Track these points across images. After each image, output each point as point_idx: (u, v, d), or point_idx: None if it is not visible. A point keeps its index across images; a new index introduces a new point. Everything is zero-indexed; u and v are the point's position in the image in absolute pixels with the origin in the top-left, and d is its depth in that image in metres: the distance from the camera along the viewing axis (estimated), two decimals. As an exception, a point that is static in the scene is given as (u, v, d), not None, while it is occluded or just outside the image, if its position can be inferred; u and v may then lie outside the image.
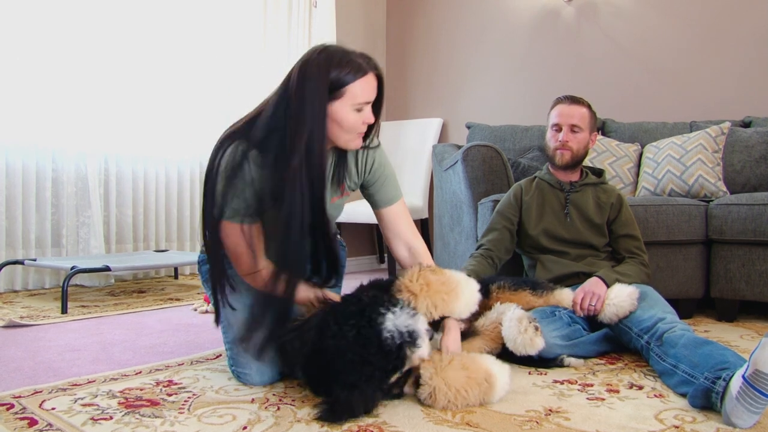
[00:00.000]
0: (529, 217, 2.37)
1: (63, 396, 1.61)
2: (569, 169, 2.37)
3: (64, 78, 3.45)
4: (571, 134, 2.31)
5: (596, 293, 2.04)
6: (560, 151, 2.33)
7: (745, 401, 1.39)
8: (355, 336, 1.48)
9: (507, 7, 4.42)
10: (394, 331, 1.49)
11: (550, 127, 2.38)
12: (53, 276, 3.49)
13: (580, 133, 2.32)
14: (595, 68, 4.07)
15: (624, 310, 1.97)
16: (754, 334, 2.43)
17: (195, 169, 4.07)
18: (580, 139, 2.32)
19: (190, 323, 2.59)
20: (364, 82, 1.56)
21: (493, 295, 2.07)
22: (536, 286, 2.11)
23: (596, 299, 2.03)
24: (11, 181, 3.33)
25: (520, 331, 1.78)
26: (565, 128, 2.31)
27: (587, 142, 2.35)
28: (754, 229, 2.58)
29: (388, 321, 1.50)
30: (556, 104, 2.38)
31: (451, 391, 1.51)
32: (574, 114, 2.32)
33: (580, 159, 2.36)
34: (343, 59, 1.56)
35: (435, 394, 1.51)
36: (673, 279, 2.68)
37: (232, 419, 1.45)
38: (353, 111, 1.57)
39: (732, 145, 3.14)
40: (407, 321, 1.52)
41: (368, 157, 1.79)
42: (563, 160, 2.33)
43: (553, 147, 2.35)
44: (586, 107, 2.35)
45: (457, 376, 1.52)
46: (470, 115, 4.49)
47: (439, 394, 1.51)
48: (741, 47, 3.59)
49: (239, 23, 4.14)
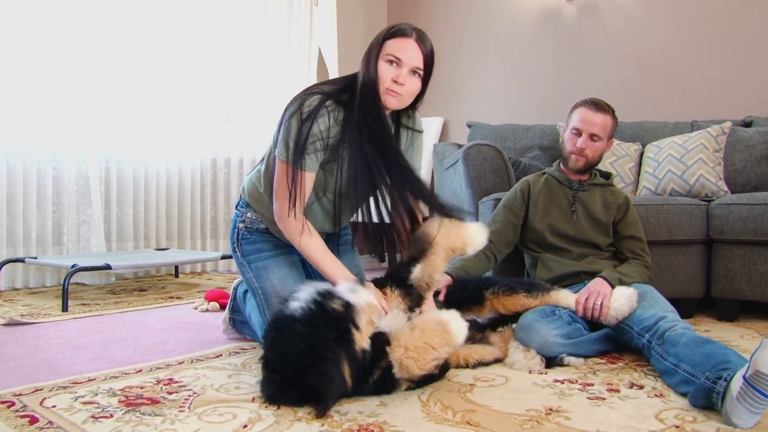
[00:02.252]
0: (535, 212, 2.37)
1: (63, 394, 1.61)
2: (580, 173, 2.37)
3: (65, 79, 3.45)
4: (589, 142, 2.28)
5: (601, 293, 2.04)
6: (575, 156, 2.31)
7: (745, 401, 1.39)
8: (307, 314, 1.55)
9: (508, 6, 4.42)
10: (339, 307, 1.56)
11: (570, 127, 2.33)
12: (54, 274, 3.49)
13: (599, 142, 2.29)
14: (596, 67, 4.06)
15: (623, 314, 1.97)
16: (755, 333, 2.43)
17: (195, 167, 4.07)
18: (597, 147, 2.30)
19: (191, 321, 2.59)
20: (400, 40, 1.77)
21: (487, 302, 2.10)
22: (531, 288, 2.11)
23: (601, 298, 2.02)
24: (12, 179, 3.33)
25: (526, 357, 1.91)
26: (585, 136, 2.28)
27: (603, 150, 2.34)
28: (755, 229, 2.58)
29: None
30: (581, 107, 2.32)
31: (413, 350, 1.57)
32: (597, 122, 2.27)
33: (594, 165, 2.36)
34: (394, 26, 1.81)
35: (403, 364, 1.57)
36: (674, 278, 2.68)
37: (233, 418, 1.46)
38: (386, 62, 1.76)
39: (733, 145, 3.14)
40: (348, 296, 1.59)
41: (413, 135, 2.02)
42: (577, 166, 2.33)
43: (569, 150, 2.33)
44: (610, 114, 2.31)
45: (412, 336, 1.59)
46: (471, 114, 4.49)
47: (406, 360, 1.57)
48: (742, 47, 3.59)
49: (240, 22, 4.14)
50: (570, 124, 2.34)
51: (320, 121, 1.77)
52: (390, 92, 1.77)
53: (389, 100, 1.79)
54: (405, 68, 1.77)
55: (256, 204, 2.01)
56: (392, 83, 1.76)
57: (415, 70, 1.79)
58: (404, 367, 1.58)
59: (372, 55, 1.78)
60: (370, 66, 1.77)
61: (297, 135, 1.75)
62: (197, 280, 3.78)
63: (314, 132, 1.76)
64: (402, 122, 1.94)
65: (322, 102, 1.78)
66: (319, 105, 1.77)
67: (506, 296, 2.09)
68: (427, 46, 1.80)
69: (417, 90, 1.83)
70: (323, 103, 1.78)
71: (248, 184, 2.05)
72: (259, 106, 4.20)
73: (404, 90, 1.78)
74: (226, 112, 4.14)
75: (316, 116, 1.76)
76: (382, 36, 1.79)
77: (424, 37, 1.81)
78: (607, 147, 2.36)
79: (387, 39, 1.78)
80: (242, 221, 2.04)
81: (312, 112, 1.76)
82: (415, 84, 1.81)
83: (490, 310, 2.11)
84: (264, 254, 2.00)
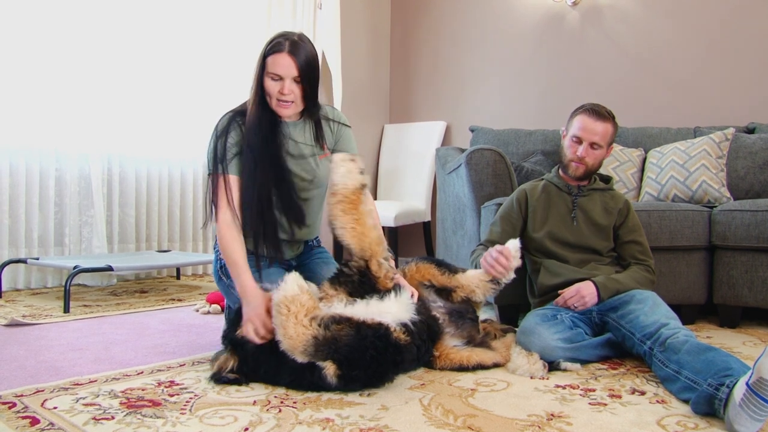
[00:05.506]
0: (534, 221, 2.37)
1: (65, 395, 1.61)
2: (580, 180, 2.36)
3: (67, 80, 3.47)
4: (590, 150, 2.27)
5: (583, 295, 2.12)
6: (576, 165, 2.30)
7: (748, 408, 1.39)
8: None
9: (512, 10, 4.42)
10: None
11: (570, 135, 2.31)
12: (56, 275, 3.49)
13: (599, 150, 2.28)
14: (599, 73, 4.07)
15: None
16: (757, 340, 2.42)
17: (198, 169, 4.07)
18: (598, 155, 2.30)
19: (192, 324, 2.59)
20: (276, 56, 1.91)
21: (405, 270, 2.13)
22: (441, 265, 2.15)
23: (581, 305, 2.12)
24: (15, 180, 3.34)
25: (529, 362, 1.90)
26: (586, 144, 2.27)
27: (603, 157, 2.33)
28: (758, 236, 2.58)
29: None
30: (582, 114, 2.30)
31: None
32: (598, 131, 2.26)
33: (594, 172, 2.35)
34: (272, 41, 1.95)
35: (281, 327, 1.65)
36: (676, 285, 2.67)
37: (234, 420, 1.45)
38: (270, 79, 1.93)
39: (736, 151, 3.14)
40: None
41: (339, 128, 2.16)
42: (577, 174, 2.32)
43: (569, 158, 2.32)
44: (611, 122, 2.29)
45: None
46: (474, 119, 4.49)
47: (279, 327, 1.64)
48: (746, 53, 3.59)
49: (243, 25, 4.15)
50: (570, 132, 2.32)
51: (232, 134, 1.99)
52: (281, 104, 1.95)
53: (283, 111, 1.97)
54: (286, 80, 1.92)
55: None
56: (279, 95, 1.93)
57: (294, 79, 1.93)
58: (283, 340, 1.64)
59: (258, 74, 1.96)
60: (257, 84, 1.97)
61: (214, 150, 1.98)
62: (199, 282, 3.78)
63: (229, 144, 1.97)
64: (320, 117, 2.10)
65: (232, 118, 2.02)
66: (230, 121, 2.01)
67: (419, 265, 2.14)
68: (301, 56, 1.92)
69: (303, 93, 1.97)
70: (233, 119, 2.01)
71: None
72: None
73: (293, 97, 1.94)
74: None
75: (228, 130, 1.99)
76: (263, 54, 1.95)
77: (298, 46, 1.93)
78: (607, 153, 2.35)
79: (266, 56, 1.94)
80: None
81: (224, 128, 2.00)
82: (300, 89, 1.95)
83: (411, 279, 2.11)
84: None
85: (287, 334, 1.62)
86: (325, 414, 1.51)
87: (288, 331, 1.62)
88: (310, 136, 2.08)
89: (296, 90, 1.94)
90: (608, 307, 2.11)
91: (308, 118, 2.08)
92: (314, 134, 2.09)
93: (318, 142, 2.10)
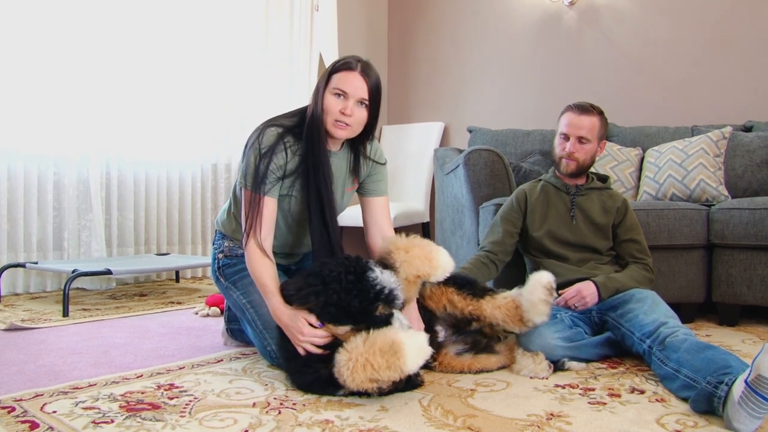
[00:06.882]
0: (533, 220, 2.37)
1: (64, 399, 1.61)
2: (574, 177, 2.37)
3: (66, 83, 3.47)
4: (578, 145, 2.28)
5: (584, 295, 2.11)
6: (566, 161, 2.31)
7: (747, 406, 1.39)
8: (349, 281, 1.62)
9: (509, 10, 4.43)
10: (378, 278, 1.63)
11: (558, 133, 2.34)
12: (55, 279, 3.49)
13: (588, 144, 2.29)
14: (596, 72, 4.07)
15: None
16: (756, 338, 2.42)
17: (196, 173, 4.07)
18: (588, 150, 2.30)
19: (192, 327, 2.59)
20: (345, 74, 1.84)
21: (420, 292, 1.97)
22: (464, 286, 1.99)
23: (581, 305, 2.12)
24: (13, 184, 3.34)
25: (534, 362, 1.90)
26: (573, 139, 2.28)
27: (595, 152, 2.33)
28: (756, 234, 2.58)
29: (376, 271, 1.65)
30: (567, 111, 2.33)
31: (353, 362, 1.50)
32: (583, 125, 2.28)
33: (587, 168, 2.35)
34: (341, 59, 1.88)
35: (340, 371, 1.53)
36: (675, 283, 2.68)
37: (234, 423, 1.45)
38: (333, 95, 1.84)
39: (733, 150, 3.14)
40: (390, 279, 1.65)
41: (374, 165, 2.08)
42: (568, 170, 2.33)
43: (558, 155, 2.33)
44: (597, 116, 2.30)
45: (359, 346, 1.53)
46: (472, 119, 4.49)
47: (343, 369, 1.52)
48: (743, 51, 3.60)
49: (241, 28, 4.15)
50: (558, 129, 2.36)
51: (278, 157, 1.86)
52: (338, 124, 1.84)
53: (338, 132, 1.86)
54: (351, 100, 1.83)
55: (232, 234, 2.11)
56: (340, 114, 1.83)
57: (361, 101, 1.86)
58: (340, 374, 1.54)
59: (320, 89, 1.86)
60: (318, 99, 1.85)
61: (255, 168, 1.85)
62: (198, 285, 3.78)
63: (272, 168, 1.85)
64: (360, 151, 2.01)
65: (280, 138, 1.87)
66: (277, 141, 1.87)
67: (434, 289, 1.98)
68: (372, 78, 1.87)
69: (364, 119, 1.89)
70: (281, 139, 1.87)
71: (221, 217, 2.16)
72: (260, 111, 4.19)
73: (353, 120, 1.85)
74: (226, 118, 4.14)
75: (274, 152, 1.86)
76: (329, 70, 1.87)
77: (369, 69, 1.88)
78: (600, 149, 2.36)
79: (333, 73, 1.86)
80: (221, 251, 2.13)
81: (270, 148, 1.86)
82: (363, 114, 1.88)
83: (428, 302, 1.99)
84: (247, 272, 1.95)
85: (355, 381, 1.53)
86: (324, 415, 1.51)
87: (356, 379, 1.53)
88: (346, 166, 2.01)
89: (358, 113, 1.85)
90: (608, 306, 2.12)
91: (350, 149, 2.00)
92: (351, 166, 2.01)
93: (352, 175, 2.02)
